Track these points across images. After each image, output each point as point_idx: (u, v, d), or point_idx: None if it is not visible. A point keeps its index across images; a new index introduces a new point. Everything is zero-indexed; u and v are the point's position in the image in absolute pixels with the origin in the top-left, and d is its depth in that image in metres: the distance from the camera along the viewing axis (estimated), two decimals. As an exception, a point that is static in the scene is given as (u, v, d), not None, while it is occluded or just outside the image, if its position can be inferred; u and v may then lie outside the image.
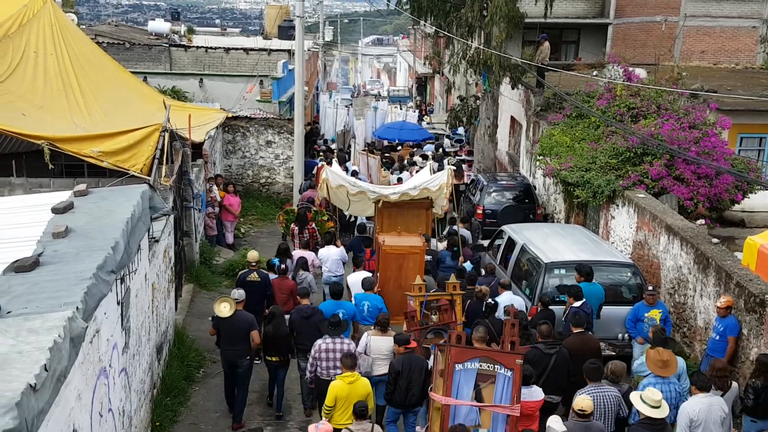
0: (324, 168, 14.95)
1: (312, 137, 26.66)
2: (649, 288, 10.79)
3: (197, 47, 28.74)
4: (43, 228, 7.18)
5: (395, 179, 18.98)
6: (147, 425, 9.06)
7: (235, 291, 10.04)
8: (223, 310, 9.53)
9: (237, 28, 66.11)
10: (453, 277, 10.66)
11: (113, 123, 12.51)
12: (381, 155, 22.61)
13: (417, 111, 37.06)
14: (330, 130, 29.25)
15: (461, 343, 7.93)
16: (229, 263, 15.64)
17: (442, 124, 31.10)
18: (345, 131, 28.92)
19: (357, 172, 19.15)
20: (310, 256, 12.71)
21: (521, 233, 12.95)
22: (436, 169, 15.48)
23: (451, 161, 21.09)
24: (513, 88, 21.02)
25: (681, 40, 27.73)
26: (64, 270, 6.15)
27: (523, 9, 19.99)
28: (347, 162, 21.68)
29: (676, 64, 24.17)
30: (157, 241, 9.90)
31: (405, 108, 35.06)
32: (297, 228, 13.97)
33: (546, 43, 20.03)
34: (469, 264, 12.95)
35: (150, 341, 9.39)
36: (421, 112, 38.81)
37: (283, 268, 11.51)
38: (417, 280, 10.37)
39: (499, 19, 18.65)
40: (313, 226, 14.13)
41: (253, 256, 11.67)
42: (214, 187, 16.74)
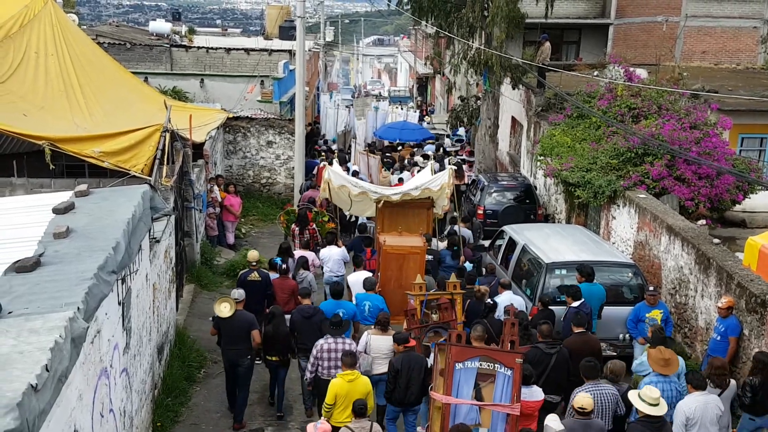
0: (326, 168, 14.95)
1: (313, 137, 26.68)
2: (650, 288, 10.78)
3: (198, 48, 28.72)
4: (44, 228, 7.17)
5: (396, 179, 18.99)
6: (148, 425, 9.06)
7: (235, 291, 10.06)
8: (223, 310, 9.54)
9: (238, 28, 66.22)
10: (453, 277, 10.67)
11: (114, 123, 12.52)
12: (382, 155, 22.63)
13: (418, 111, 37.03)
14: (331, 130, 29.23)
15: (461, 342, 7.94)
16: (230, 263, 15.64)
17: (442, 124, 31.10)
18: (346, 131, 28.92)
19: (358, 172, 19.15)
20: (310, 256, 12.73)
21: (522, 233, 12.95)
22: (437, 169, 15.47)
23: (452, 161, 21.11)
24: (514, 88, 21.03)
25: (682, 40, 27.71)
26: (65, 270, 6.14)
27: (524, 9, 19.98)
28: (348, 162, 21.68)
29: (677, 64, 24.12)
30: (158, 242, 9.90)
31: (406, 108, 35.06)
32: (298, 228, 13.98)
33: (547, 44, 20.04)
34: (470, 264, 12.96)
35: (151, 341, 9.39)
36: (422, 112, 38.81)
37: (285, 267, 11.53)
38: (417, 279, 10.37)
39: (500, 20, 18.67)
40: (314, 226, 14.14)
41: (254, 255, 11.68)
42: (215, 188, 16.75)
